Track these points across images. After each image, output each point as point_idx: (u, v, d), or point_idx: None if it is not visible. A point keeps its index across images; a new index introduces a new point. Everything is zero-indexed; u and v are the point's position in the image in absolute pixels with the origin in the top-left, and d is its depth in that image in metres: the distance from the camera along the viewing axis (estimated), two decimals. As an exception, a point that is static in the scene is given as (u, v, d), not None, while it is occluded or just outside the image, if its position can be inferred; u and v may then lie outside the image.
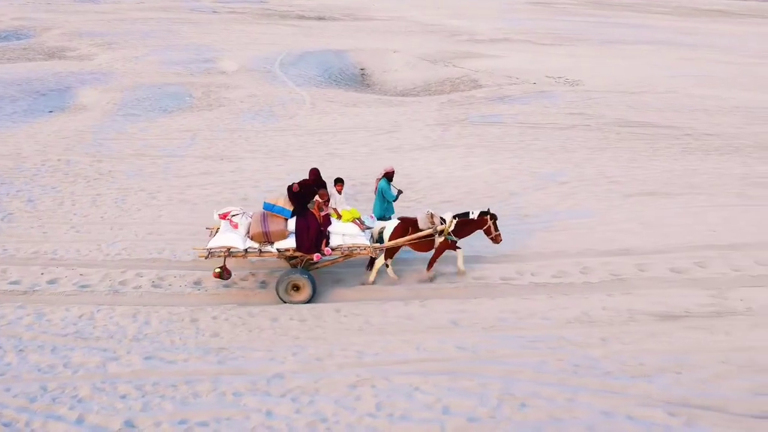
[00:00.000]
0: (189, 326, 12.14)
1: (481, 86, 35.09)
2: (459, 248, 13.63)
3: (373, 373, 10.52)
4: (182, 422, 9.64)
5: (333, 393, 10.07)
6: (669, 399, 10.00)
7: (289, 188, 12.78)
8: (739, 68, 40.39)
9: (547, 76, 37.74)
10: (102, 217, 16.40)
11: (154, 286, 13.38)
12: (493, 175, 19.62)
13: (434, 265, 13.86)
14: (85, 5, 62.05)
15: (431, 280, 13.90)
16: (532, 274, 14.45)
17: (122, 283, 13.51)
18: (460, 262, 13.82)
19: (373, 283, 13.67)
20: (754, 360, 10.94)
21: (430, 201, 17.09)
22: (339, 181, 13.46)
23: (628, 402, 9.88)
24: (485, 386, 10.21)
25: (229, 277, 13.12)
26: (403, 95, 34.38)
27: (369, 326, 11.92)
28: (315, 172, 13.35)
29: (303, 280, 12.63)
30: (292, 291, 12.76)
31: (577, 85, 35.26)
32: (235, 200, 17.52)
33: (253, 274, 13.90)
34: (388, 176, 14.15)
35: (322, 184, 13.12)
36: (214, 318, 12.42)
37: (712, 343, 11.43)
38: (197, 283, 13.62)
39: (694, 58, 44.62)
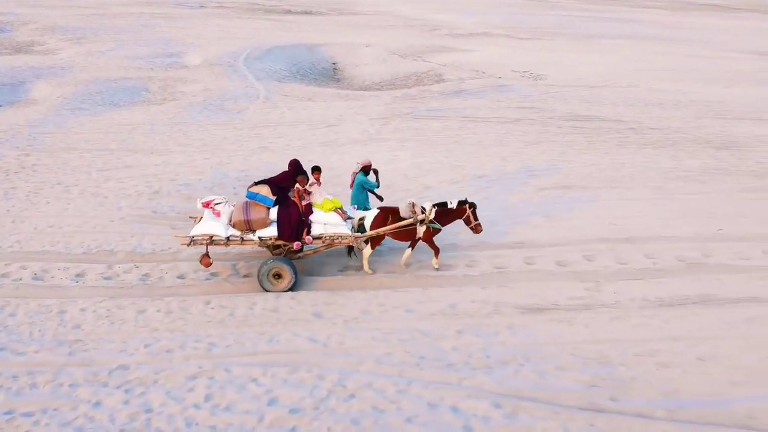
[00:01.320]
0: (53, 318, 12.39)
1: (444, 80, 35.04)
2: (437, 250, 14.01)
3: (217, 365, 10.56)
4: (8, 413, 9.89)
5: (169, 384, 10.13)
6: (501, 391, 10.02)
7: (271, 179, 13.01)
8: (712, 62, 40.41)
9: (513, 71, 37.52)
10: (8, 210, 16.87)
11: (35, 279, 13.76)
12: (416, 169, 19.74)
13: (438, 253, 14.38)
14: (70, 0, 62.02)
15: (438, 268, 14.48)
16: (417, 267, 14.42)
17: (4, 275, 13.94)
18: (434, 261, 14.30)
19: (373, 272, 14.09)
20: (603, 353, 10.97)
21: (348, 194, 17.16)
22: (317, 170, 13.63)
23: (458, 394, 9.88)
24: (321, 378, 10.25)
25: (210, 265, 13.32)
26: (365, 89, 34.39)
27: (231, 318, 11.96)
28: (294, 163, 13.47)
29: (284, 268, 12.82)
30: (274, 279, 12.99)
31: (540, 79, 35.21)
32: (147, 193, 17.72)
33: (137, 267, 13.72)
34: (365, 169, 14.39)
35: (303, 173, 13.24)
36: (82, 310, 12.68)
37: (568, 336, 11.48)
38: (80, 275, 14.01)
39: (669, 53, 44.41)
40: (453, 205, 13.55)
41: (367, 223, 13.28)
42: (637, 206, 17.10)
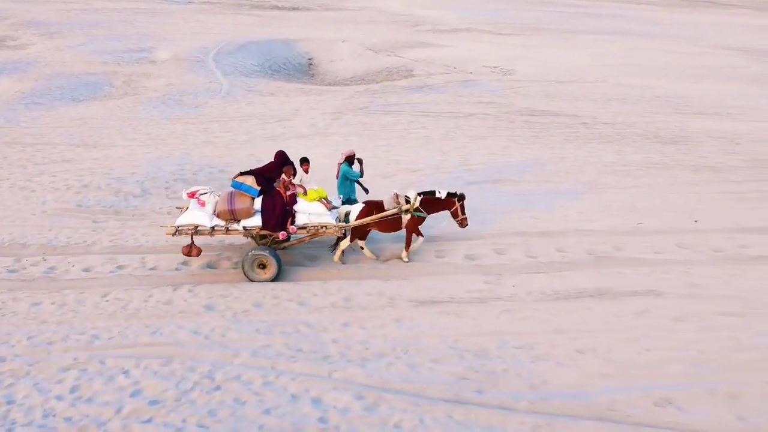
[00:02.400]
0: (-56, 311, 11.63)
1: (413, 76, 35.06)
2: (421, 235, 14.36)
3: (92, 357, 10.58)
4: None
5: (40, 376, 10.17)
6: (369, 383, 10.03)
7: (256, 169, 13.16)
8: (687, 58, 40.46)
9: (484, 66, 37.33)
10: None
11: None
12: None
13: (411, 244, 14.41)
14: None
15: (408, 260, 14.56)
16: (328, 261, 14.62)
17: None
18: (416, 244, 14.53)
19: (343, 262, 14.37)
20: (483, 345, 11.00)
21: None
22: (305, 161, 13.72)
23: (324, 386, 9.91)
24: (192, 370, 10.27)
25: (199, 254, 13.62)
26: (333, 84, 34.43)
27: (123, 311, 12.03)
28: (281, 154, 13.49)
29: (268, 258, 12.93)
30: (258, 269, 13.10)
31: (509, 74, 35.24)
32: (76, 187, 17.86)
33: (45, 260, 13.74)
34: (349, 159, 14.45)
35: (289, 163, 13.24)
36: (-23, 302, 11.87)
37: (453, 329, 11.47)
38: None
39: (646, 49, 44.39)
40: (441, 195, 13.67)
41: (353, 217, 13.47)
42: (563, 200, 17.07)
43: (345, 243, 13.61)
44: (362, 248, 13.91)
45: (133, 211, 16.35)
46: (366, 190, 15.04)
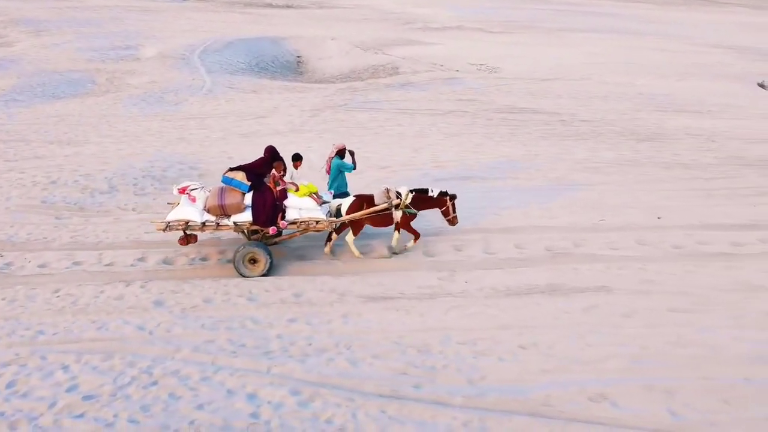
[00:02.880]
0: None
1: (398, 73, 35.14)
2: (398, 231, 14.18)
3: (34, 353, 10.57)
4: None
5: (-23, 371, 9.96)
6: (307, 378, 10.07)
7: (246, 165, 13.27)
8: (675, 56, 40.51)
9: (470, 64, 37.32)
10: None
11: None
12: (321, 160, 19.57)
13: (416, 231, 14.63)
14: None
15: (405, 248, 14.81)
16: (277, 256, 14.39)
17: None
18: (393, 240, 14.50)
19: (364, 256, 14.46)
20: (426, 341, 11.00)
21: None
22: (297, 158, 13.80)
23: (261, 381, 9.95)
24: (132, 365, 10.31)
25: (196, 240, 13.91)
26: (319, 82, 34.49)
27: (72, 307, 12.06)
28: (271, 149, 13.59)
29: (259, 253, 12.97)
30: (249, 264, 13.12)
31: (495, 72, 35.32)
32: (43, 184, 17.94)
33: (1, 256, 13.74)
34: (340, 153, 14.58)
35: (279, 159, 13.36)
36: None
37: (399, 324, 11.49)
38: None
39: (636, 47, 44.43)
40: (434, 194, 13.74)
41: (344, 210, 13.46)
42: (528, 197, 17.11)
43: (350, 238, 13.97)
44: (348, 242, 13.89)
45: (98, 208, 16.35)
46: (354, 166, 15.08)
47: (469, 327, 11.49)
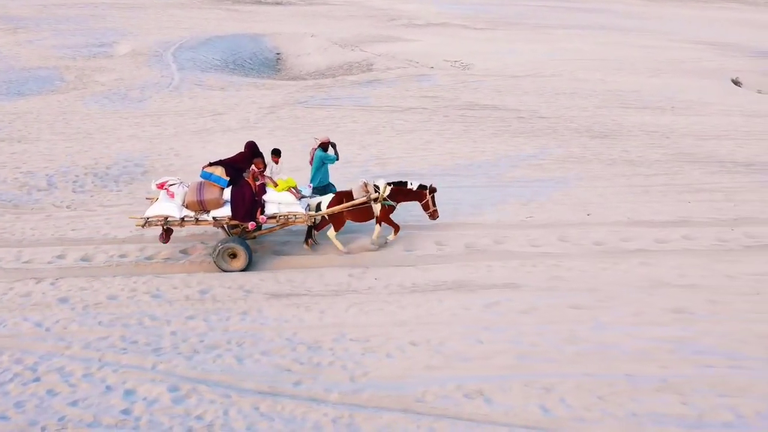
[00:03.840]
0: None
1: (371, 70, 35.12)
2: (379, 225, 14.23)
3: None
4: None
5: None
6: (190, 375, 10.15)
7: (226, 160, 13.28)
8: (652, 52, 40.46)
9: (445, 60, 37.33)
10: None
11: None
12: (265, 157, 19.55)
13: (395, 224, 14.69)
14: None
15: (386, 241, 14.83)
16: (190, 253, 14.62)
17: None
18: (375, 234, 14.50)
19: (348, 251, 14.41)
20: (318, 338, 11.09)
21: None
22: (276, 153, 13.82)
23: (143, 377, 10.03)
24: (19, 362, 10.43)
25: (168, 240, 13.73)
26: (292, 79, 34.68)
27: (-18, 303, 11.86)
28: (251, 145, 13.59)
29: (238, 248, 13.04)
30: (229, 258, 13.19)
31: (467, 68, 35.28)
32: (-19, 181, 17.50)
33: None
34: (323, 146, 14.63)
35: (259, 155, 13.33)
36: None
37: (296, 321, 11.68)
38: None
39: (615, 43, 44.32)
40: (413, 186, 13.78)
41: (324, 206, 13.57)
42: (462, 194, 17.14)
43: (332, 233, 14.10)
44: (330, 237, 14.09)
45: (33, 205, 16.44)
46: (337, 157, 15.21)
47: (366, 324, 11.49)
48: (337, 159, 14.59)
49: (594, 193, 17.42)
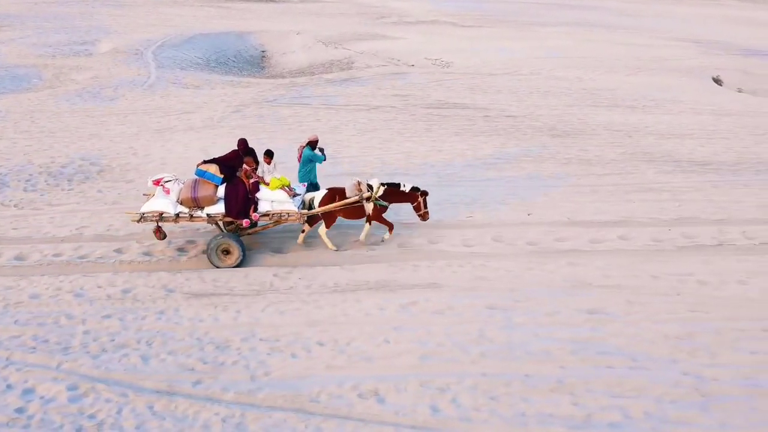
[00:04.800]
0: None
1: (351, 68, 35.25)
2: (370, 224, 14.58)
3: None
4: None
5: None
6: (93, 374, 10.44)
7: (219, 158, 13.55)
8: (636, 50, 40.77)
9: (426, 58, 37.43)
10: None
11: None
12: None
13: (389, 223, 14.96)
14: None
15: (383, 240, 15.05)
16: (124, 252, 14.82)
17: None
18: (363, 234, 14.70)
19: (337, 248, 14.69)
20: (229, 338, 11.33)
21: (142, 181, 18.11)
22: (268, 154, 14.07)
23: (45, 376, 10.18)
24: None
25: (164, 238, 14.04)
26: (272, 77, 34.78)
27: None
28: (243, 142, 13.94)
29: (232, 244, 13.29)
30: (222, 255, 13.46)
31: (447, 66, 35.26)
32: (-67, 180, 17.67)
33: None
34: (312, 144, 14.92)
35: (251, 153, 13.64)
36: None
37: (211, 321, 11.85)
38: None
39: (600, 41, 44.40)
40: (406, 188, 14.04)
41: (316, 203, 13.76)
42: (407, 193, 16.93)
43: (323, 230, 14.33)
44: (320, 234, 14.42)
45: (-19, 204, 16.37)
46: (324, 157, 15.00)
47: (279, 323, 11.60)
48: (324, 159, 14.93)
49: (540, 193, 17.47)
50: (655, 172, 19.50)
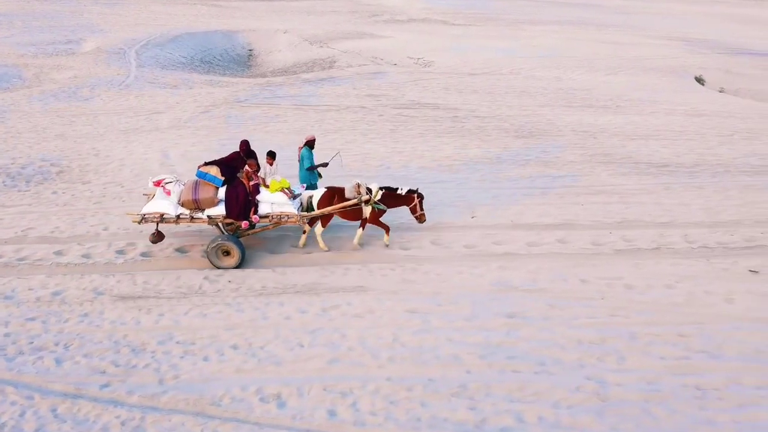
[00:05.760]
0: None
1: (333, 67, 35.46)
2: (363, 228, 14.73)
3: None
4: None
5: None
6: (3, 377, 10.50)
7: (220, 160, 13.69)
8: (620, 49, 41.01)
9: (409, 57, 37.59)
10: None
11: None
12: (180, 156, 21.02)
13: (385, 226, 15.10)
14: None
15: (386, 245, 15.19)
16: (64, 254, 14.99)
17: None
18: (356, 238, 14.97)
19: (329, 249, 14.86)
20: (146, 340, 11.56)
21: (99, 183, 19.01)
22: (270, 155, 14.34)
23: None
24: None
25: (162, 240, 14.23)
26: (254, 76, 35.04)
27: None
28: (245, 144, 14.12)
29: (232, 246, 13.47)
30: (222, 255, 13.64)
31: (427, 66, 35.45)
32: None
33: None
34: (309, 144, 15.10)
35: (252, 155, 13.80)
36: None
37: (133, 323, 12.10)
38: None
39: (586, 39, 44.59)
40: (402, 191, 14.23)
41: (315, 202, 13.90)
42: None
43: (319, 230, 14.40)
44: (316, 233, 14.57)
45: (-66, 206, 16.58)
46: (320, 175, 15.64)
47: (199, 327, 11.77)
48: (312, 164, 15.43)
49: (490, 195, 17.60)
50: (609, 174, 19.51)
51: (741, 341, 11.64)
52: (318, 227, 14.10)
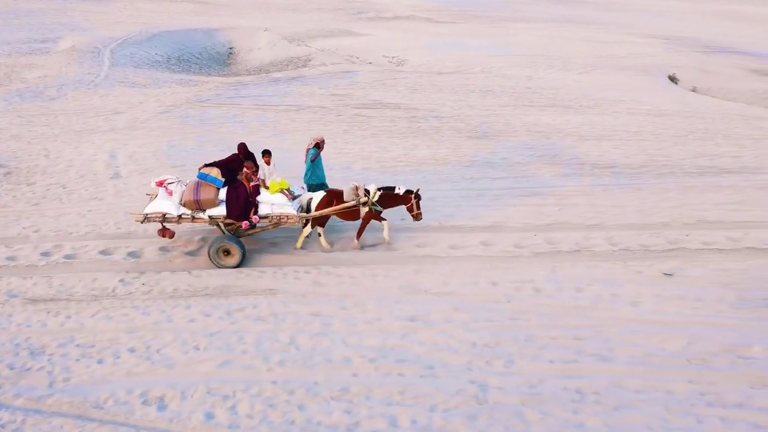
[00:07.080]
0: None
1: (307, 66, 35.73)
2: (384, 220, 14.99)
3: None
4: None
5: None
6: None
7: (220, 161, 14.01)
8: (598, 47, 41.08)
9: (384, 56, 37.76)
10: None
11: None
12: (126, 158, 21.46)
13: (362, 234, 15.37)
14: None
15: (361, 248, 15.44)
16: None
17: None
18: (385, 233, 15.25)
19: (331, 247, 15.12)
20: (46, 343, 11.73)
21: (44, 184, 19.22)
22: (266, 153, 14.55)
23: None
24: None
25: (172, 236, 14.50)
26: (229, 75, 35.01)
27: None
28: (243, 146, 14.46)
29: (232, 246, 13.82)
30: (223, 255, 13.99)
31: (400, 65, 35.57)
32: None
33: None
34: (318, 145, 15.46)
35: (250, 157, 14.14)
36: None
37: (38, 326, 12.35)
38: None
39: (565, 37, 44.63)
40: (400, 191, 14.49)
41: (314, 205, 14.27)
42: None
43: (307, 230, 14.55)
44: (320, 235, 14.84)
45: None
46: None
47: (101, 329, 11.98)
48: (311, 165, 15.81)
49: (425, 197, 17.57)
50: (552, 176, 19.62)
51: (634, 344, 11.82)
52: (308, 227, 14.37)
